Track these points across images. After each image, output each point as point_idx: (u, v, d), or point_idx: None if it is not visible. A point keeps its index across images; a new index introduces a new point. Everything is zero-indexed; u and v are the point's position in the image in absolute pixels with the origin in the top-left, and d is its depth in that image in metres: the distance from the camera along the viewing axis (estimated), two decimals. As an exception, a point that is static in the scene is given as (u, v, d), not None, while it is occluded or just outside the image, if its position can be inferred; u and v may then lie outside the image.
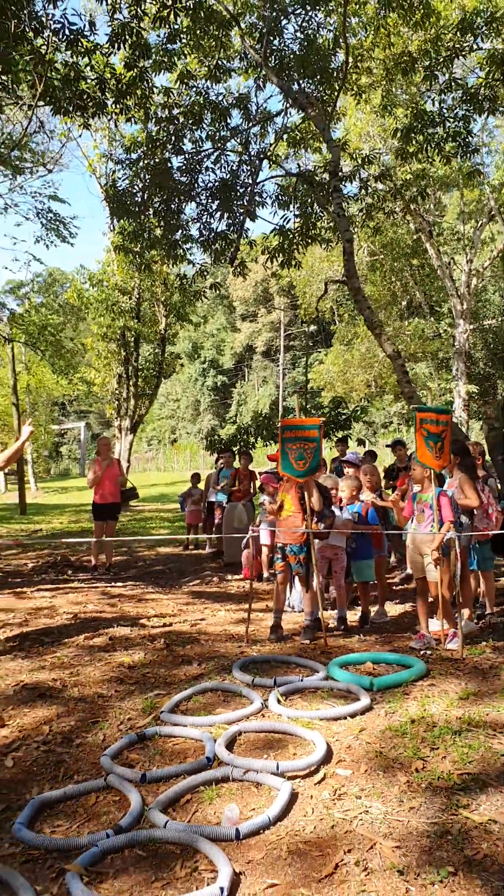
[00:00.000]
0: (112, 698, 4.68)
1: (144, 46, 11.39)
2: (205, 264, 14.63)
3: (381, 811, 3.23)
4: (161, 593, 8.38)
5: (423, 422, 6.15)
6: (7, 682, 5.00)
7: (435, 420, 6.18)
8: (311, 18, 12.47)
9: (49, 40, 10.69)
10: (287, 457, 6.14)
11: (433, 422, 6.16)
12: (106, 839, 3.03)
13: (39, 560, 10.80)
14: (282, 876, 2.80)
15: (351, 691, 4.61)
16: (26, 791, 3.56)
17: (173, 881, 2.80)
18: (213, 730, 4.09)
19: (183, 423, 65.96)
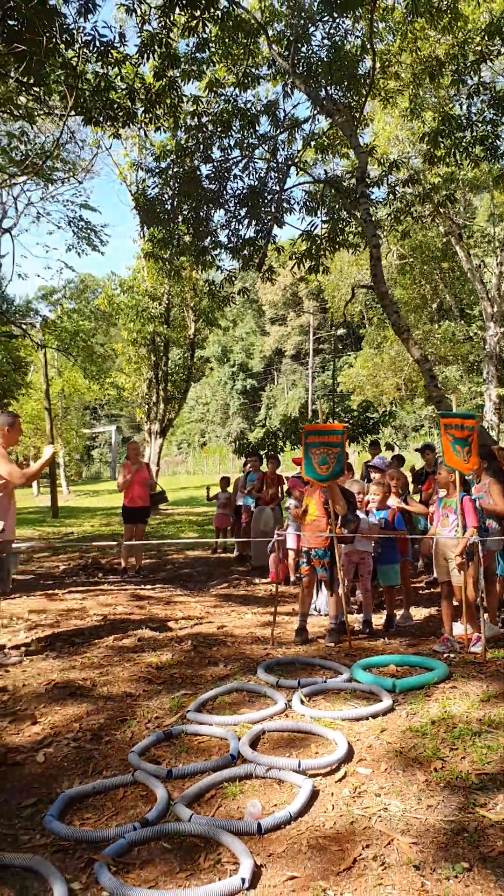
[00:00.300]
0: (140, 697, 4.81)
1: (173, 56, 11.57)
2: (233, 270, 14.78)
3: (400, 808, 3.31)
4: (189, 596, 8.51)
5: (448, 427, 6.20)
6: (39, 681, 5.15)
7: (460, 425, 6.22)
8: (339, 25, 12.55)
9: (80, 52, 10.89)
10: (311, 461, 6.24)
11: (458, 427, 6.20)
12: (133, 832, 3.15)
13: (71, 563, 11.00)
14: (301, 869, 2.89)
15: (373, 693, 4.69)
16: (57, 785, 3.69)
17: (197, 872, 2.91)
18: (238, 729, 4.20)
19: (212, 426, 66.22)
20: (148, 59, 11.39)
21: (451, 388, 30.85)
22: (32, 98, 12.29)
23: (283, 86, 13.82)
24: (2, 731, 4.35)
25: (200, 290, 19.42)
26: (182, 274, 16.35)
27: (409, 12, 11.56)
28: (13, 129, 13.78)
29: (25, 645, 6.13)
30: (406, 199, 14.36)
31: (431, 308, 30.25)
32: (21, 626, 6.76)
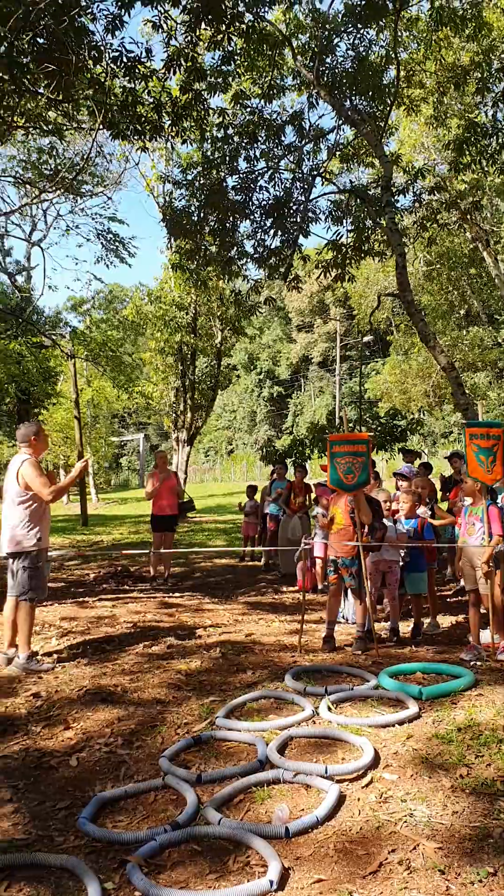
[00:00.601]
0: (170, 703, 4.91)
1: (199, 70, 11.73)
2: (259, 280, 14.89)
3: (425, 814, 3.36)
4: (217, 604, 8.60)
5: (473, 437, 6.23)
6: (71, 688, 5.27)
7: (485, 434, 6.24)
8: (363, 36, 12.64)
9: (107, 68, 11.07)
10: (336, 470, 6.30)
11: (484, 436, 6.22)
12: (164, 834, 3.23)
13: (100, 571, 11.14)
14: (328, 872, 2.95)
15: (400, 700, 4.73)
16: (90, 789, 3.79)
17: (226, 874, 2.99)
18: (266, 734, 4.27)
19: (240, 433, 66.41)
20: (174, 73, 11.55)
21: (480, 394, 30.67)
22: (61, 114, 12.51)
23: (308, 96, 13.94)
24: (36, 736, 4.46)
25: (227, 299, 19.58)
26: (209, 284, 16.50)
27: (434, 21, 11.64)
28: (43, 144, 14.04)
29: (58, 652, 6.25)
30: (432, 206, 14.39)
31: (459, 314, 30.11)
32: (53, 633, 6.89)
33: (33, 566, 5.82)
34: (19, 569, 5.79)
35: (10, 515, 5.83)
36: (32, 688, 5.31)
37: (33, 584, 5.82)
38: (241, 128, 13.73)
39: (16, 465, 5.87)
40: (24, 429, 6.05)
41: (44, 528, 5.90)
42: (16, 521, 5.77)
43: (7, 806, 3.62)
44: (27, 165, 14.04)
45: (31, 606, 5.86)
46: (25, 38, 9.24)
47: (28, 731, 4.54)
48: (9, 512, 5.84)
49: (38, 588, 5.89)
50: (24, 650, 5.79)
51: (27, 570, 5.78)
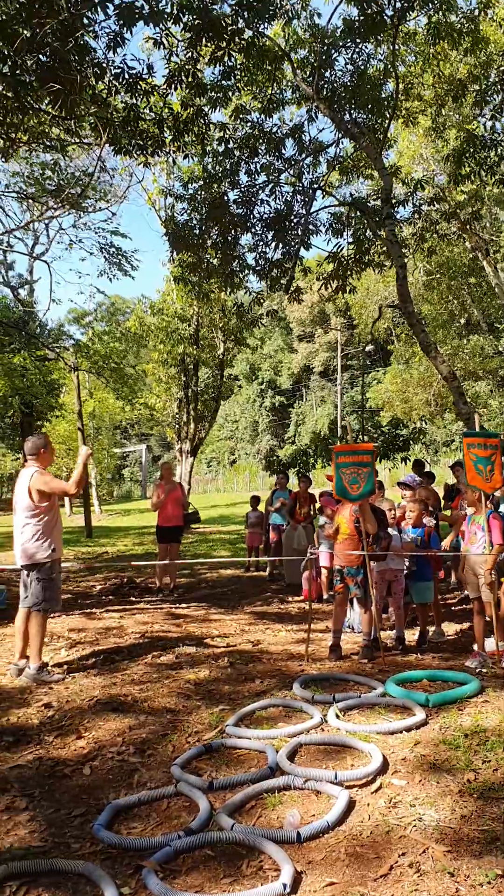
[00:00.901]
0: (180, 712, 4.97)
1: (200, 86, 11.87)
2: (261, 292, 15.01)
3: (434, 818, 3.43)
4: (224, 614, 8.66)
5: (471, 446, 6.34)
6: (82, 698, 5.34)
7: (483, 444, 6.35)
8: (362, 51, 12.79)
9: (109, 85, 11.21)
10: (341, 481, 6.39)
11: (481, 446, 6.32)
12: (178, 840, 3.30)
13: (106, 582, 11.21)
14: (340, 875, 3.02)
15: (407, 707, 4.80)
16: (103, 796, 3.86)
17: (240, 878, 3.06)
18: (276, 742, 4.34)
19: (242, 444, 66.50)
20: (175, 89, 11.70)
21: (481, 403, 30.76)
22: (64, 130, 12.66)
23: (308, 110, 14.09)
24: (49, 746, 4.53)
25: (229, 311, 19.72)
26: (210, 296, 16.63)
27: (431, 36, 11.79)
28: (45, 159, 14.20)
29: (67, 663, 6.32)
30: (431, 217, 14.52)
31: (459, 323, 30.24)
32: (62, 644, 6.97)
33: (47, 577, 5.91)
34: (33, 580, 5.86)
35: (22, 528, 5.91)
36: (44, 698, 5.38)
37: (47, 595, 5.90)
38: (242, 141, 13.88)
39: (25, 478, 5.96)
40: (33, 441, 6.14)
41: (56, 539, 5.98)
42: (28, 533, 5.86)
43: (23, 814, 3.69)
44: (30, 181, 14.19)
45: (43, 617, 5.94)
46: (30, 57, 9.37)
47: (41, 741, 4.61)
48: (21, 525, 5.92)
49: (52, 599, 5.97)
50: (36, 661, 5.86)
51: (41, 582, 5.86)
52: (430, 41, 12.10)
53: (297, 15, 12.89)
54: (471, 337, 30.82)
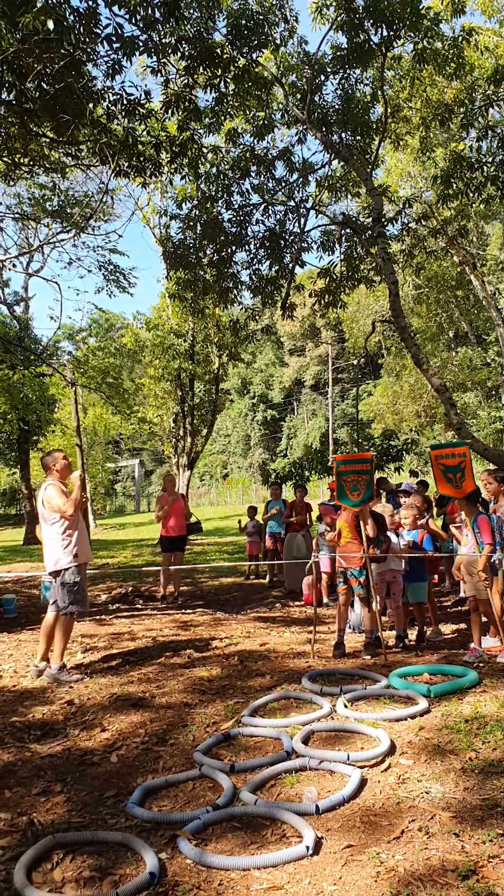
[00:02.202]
0: (196, 706, 5.29)
1: (196, 111, 12.30)
2: (255, 307, 15.39)
3: (440, 791, 3.76)
4: (229, 619, 8.97)
5: (439, 457, 6.71)
6: (101, 695, 5.64)
7: (451, 454, 6.72)
8: (350, 75, 13.24)
9: (108, 110, 11.59)
10: (343, 489, 6.76)
11: (449, 455, 6.70)
12: (207, 813, 3.62)
13: (111, 591, 11.50)
14: (356, 839, 3.35)
15: (410, 697, 5.13)
16: (132, 780, 4.17)
17: (265, 844, 3.38)
18: (290, 730, 4.66)
19: (234, 457, 66.86)
20: (173, 115, 12.11)
21: (469, 414, 31.27)
22: (65, 154, 13.04)
23: (297, 133, 14.53)
24: (76, 738, 4.84)
25: (224, 326, 20.11)
26: (206, 312, 17.01)
27: (417, 60, 12.25)
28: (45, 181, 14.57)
29: (84, 665, 6.62)
30: (419, 234, 14.96)
31: (448, 335, 30.79)
32: (77, 648, 7.27)
33: (72, 582, 6.23)
34: (58, 585, 6.20)
35: (47, 537, 6.28)
36: (65, 696, 5.69)
37: (73, 598, 6.23)
38: (234, 163, 14.30)
39: (42, 490, 6.34)
40: (49, 457, 6.54)
41: (80, 544, 6.33)
42: (51, 541, 6.22)
43: (59, 796, 3.99)
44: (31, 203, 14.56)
45: (70, 620, 6.27)
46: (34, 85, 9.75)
47: (67, 734, 4.91)
48: (46, 533, 6.29)
49: (79, 602, 6.30)
50: (57, 661, 6.17)
51: (65, 586, 6.20)
52: (417, 66, 12.57)
53: (285, 42, 13.36)
54: (459, 349, 31.39)
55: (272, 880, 3.06)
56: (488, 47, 14.73)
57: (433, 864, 3.08)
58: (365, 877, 3.03)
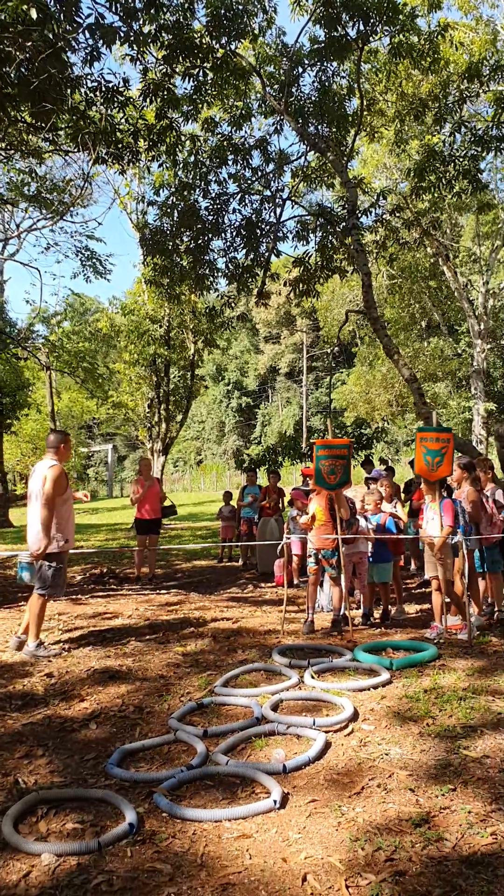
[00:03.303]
0: (172, 678, 5.55)
1: (173, 99, 12.42)
2: (231, 294, 15.57)
3: (399, 753, 4.06)
4: (203, 599, 9.23)
5: (423, 439, 6.99)
6: (80, 669, 5.87)
7: (435, 438, 7.01)
8: (327, 68, 13.42)
9: (87, 97, 11.66)
10: (320, 472, 7.03)
11: (433, 440, 6.98)
12: (182, 773, 3.88)
13: (86, 573, 11.70)
14: (320, 795, 3.63)
15: (374, 670, 5.43)
16: (111, 745, 4.41)
17: (236, 800, 3.65)
18: (259, 699, 4.94)
19: (208, 444, 67.03)
20: (151, 103, 12.22)
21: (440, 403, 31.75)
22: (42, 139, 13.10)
23: (274, 123, 14.68)
24: (56, 707, 5.06)
25: (199, 313, 20.27)
26: (182, 298, 17.15)
27: (393, 55, 12.47)
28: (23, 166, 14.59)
29: (62, 641, 6.84)
30: (392, 225, 15.20)
31: (420, 326, 31.18)
32: (55, 625, 7.48)
33: (56, 566, 6.42)
34: (43, 566, 6.38)
35: (36, 517, 6.41)
36: (45, 669, 5.90)
37: (53, 581, 6.41)
38: (212, 151, 14.43)
39: (42, 469, 6.46)
40: (54, 437, 6.69)
41: (68, 531, 6.51)
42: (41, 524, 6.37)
43: (41, 760, 4.22)
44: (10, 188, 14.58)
45: (44, 601, 6.46)
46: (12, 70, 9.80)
47: (48, 704, 5.14)
48: (35, 513, 6.42)
49: (57, 586, 6.49)
50: (34, 639, 6.37)
51: (50, 569, 6.38)
52: (392, 61, 12.78)
53: (263, 33, 13.50)
54: (430, 339, 31.81)
55: (242, 829, 3.33)
56: (463, 42, 14.98)
57: (390, 815, 3.38)
58: (327, 826, 3.32)
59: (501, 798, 3.47)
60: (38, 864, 3.07)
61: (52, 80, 10.05)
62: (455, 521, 6.75)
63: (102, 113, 12.01)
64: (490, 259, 26.57)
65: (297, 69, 13.50)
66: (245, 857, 3.08)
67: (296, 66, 13.37)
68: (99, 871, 3.00)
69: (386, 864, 2.97)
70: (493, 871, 2.88)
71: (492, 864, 2.93)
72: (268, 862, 3.03)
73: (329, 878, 2.88)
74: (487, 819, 3.29)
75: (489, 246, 26.72)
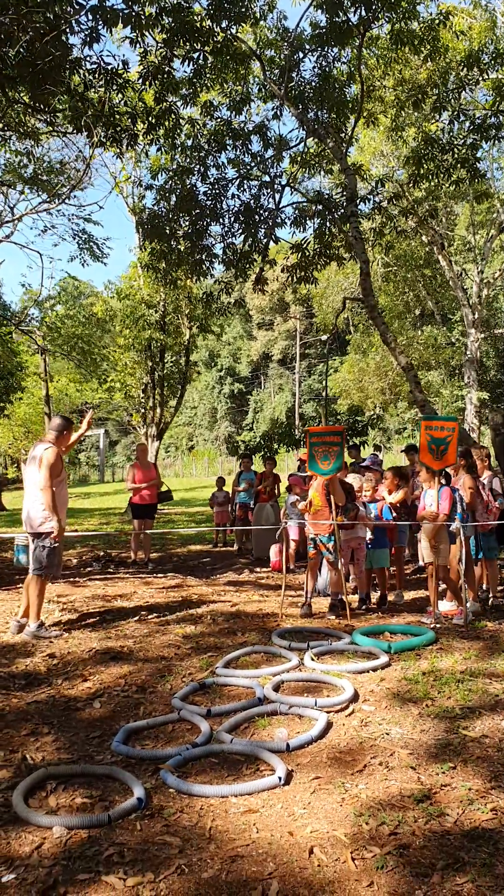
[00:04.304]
0: (173, 659, 5.62)
1: (172, 83, 12.36)
2: (229, 281, 15.54)
3: (399, 733, 4.15)
4: (200, 583, 9.30)
5: (429, 428, 7.08)
6: (82, 649, 5.94)
7: (440, 427, 7.09)
8: (328, 54, 13.36)
9: (86, 79, 11.60)
10: (314, 458, 7.10)
11: (438, 428, 7.06)
12: (187, 750, 3.96)
13: (83, 556, 11.75)
14: (324, 773, 3.71)
15: (372, 653, 5.52)
16: (115, 723, 4.48)
17: (241, 777, 3.72)
18: (261, 680, 5.02)
19: (200, 430, 67.01)
20: (150, 86, 12.16)
21: (433, 392, 31.83)
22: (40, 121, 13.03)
23: (273, 108, 14.62)
24: (59, 687, 5.13)
25: (195, 298, 20.23)
26: (178, 283, 17.11)
27: (393, 41, 12.43)
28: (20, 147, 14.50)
29: (63, 623, 6.90)
30: (389, 213, 15.20)
31: (414, 314, 31.22)
32: (55, 607, 7.53)
33: (51, 546, 6.48)
34: (38, 547, 6.43)
35: (32, 499, 6.47)
36: (46, 650, 5.97)
37: (49, 561, 6.47)
38: (210, 136, 14.38)
39: (39, 451, 6.51)
40: (58, 421, 6.74)
41: (62, 513, 6.57)
42: (38, 505, 6.42)
43: (47, 737, 4.29)
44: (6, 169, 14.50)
45: (43, 581, 6.51)
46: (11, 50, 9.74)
47: (51, 683, 5.21)
48: (31, 496, 6.48)
49: (53, 566, 6.55)
50: (35, 620, 6.44)
51: (45, 550, 6.43)
52: (392, 47, 12.74)
53: (264, 16, 13.43)
54: (424, 328, 31.87)
55: (248, 805, 3.40)
56: (463, 31, 14.94)
57: (392, 792, 3.46)
58: (331, 802, 3.40)
59: (500, 776, 3.56)
60: (50, 837, 3.14)
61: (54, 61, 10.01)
62: (452, 508, 6.83)
63: (102, 96, 11.97)
64: (484, 248, 26.60)
65: (298, 54, 13.44)
66: (252, 831, 3.16)
67: (297, 51, 13.31)
68: (110, 844, 3.07)
69: (390, 837, 3.05)
70: (495, 845, 2.96)
71: (493, 838, 3.01)
72: (274, 835, 3.11)
73: (335, 851, 2.96)
74: (487, 795, 3.38)
75: (484, 235, 26.75)
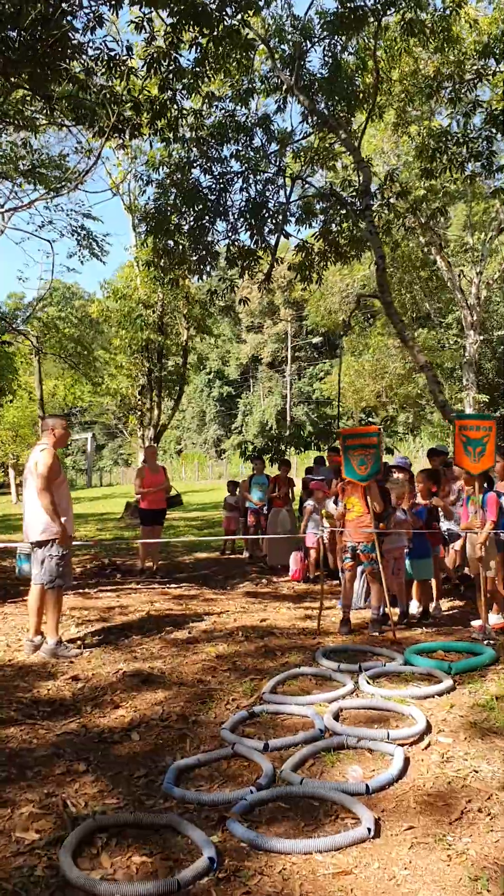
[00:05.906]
0: (211, 683, 5.11)
1: (178, 70, 11.87)
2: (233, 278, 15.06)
3: (489, 770, 3.66)
4: (217, 594, 8.78)
5: (463, 428, 6.57)
6: (107, 671, 5.41)
7: (477, 426, 6.60)
8: (338, 43, 12.93)
9: (87, 66, 11.11)
10: (350, 463, 6.61)
11: (474, 428, 6.57)
12: (252, 794, 3.44)
13: (86, 565, 11.21)
14: (416, 821, 3.22)
15: (432, 675, 5.03)
16: (160, 759, 3.96)
17: (321, 826, 3.22)
18: (315, 707, 4.52)
19: (189, 433, 66.40)
20: (155, 74, 11.67)
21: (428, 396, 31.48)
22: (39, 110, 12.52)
23: (277, 101, 14.15)
24: (89, 715, 4.61)
25: (193, 298, 19.73)
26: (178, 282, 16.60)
27: (404, 32, 12.02)
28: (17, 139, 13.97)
29: (79, 639, 6.37)
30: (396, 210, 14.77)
31: (411, 316, 30.88)
32: (70, 622, 7.00)
33: (60, 554, 5.95)
34: (46, 557, 5.89)
35: (34, 504, 5.93)
36: (68, 672, 5.44)
37: (60, 571, 5.94)
38: (214, 128, 13.90)
39: (35, 454, 5.99)
40: (53, 420, 6.21)
41: (69, 516, 6.04)
42: (37, 511, 5.88)
43: (86, 777, 3.77)
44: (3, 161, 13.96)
45: (59, 593, 5.99)
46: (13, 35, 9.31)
47: (80, 711, 4.68)
48: (32, 501, 5.94)
49: (66, 575, 6.02)
50: (53, 636, 5.90)
51: (54, 559, 5.90)
52: (402, 38, 12.33)
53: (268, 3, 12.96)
54: (421, 330, 31.54)
55: (338, 864, 2.91)
56: (476, 20, 14.54)
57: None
58: (436, 861, 2.91)
59: None
60: (114, 911, 2.63)
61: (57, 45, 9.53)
62: (499, 516, 6.38)
63: (103, 85, 11.48)
64: (483, 249, 26.30)
65: (307, 43, 12.99)
66: (353, 901, 2.66)
67: (305, 39, 12.87)
68: (186, 919, 2.57)
69: (523, 910, 2.56)
70: None
71: None
72: (381, 906, 2.62)
73: (464, 930, 2.47)
74: None
75: (480, 237, 26.43)
